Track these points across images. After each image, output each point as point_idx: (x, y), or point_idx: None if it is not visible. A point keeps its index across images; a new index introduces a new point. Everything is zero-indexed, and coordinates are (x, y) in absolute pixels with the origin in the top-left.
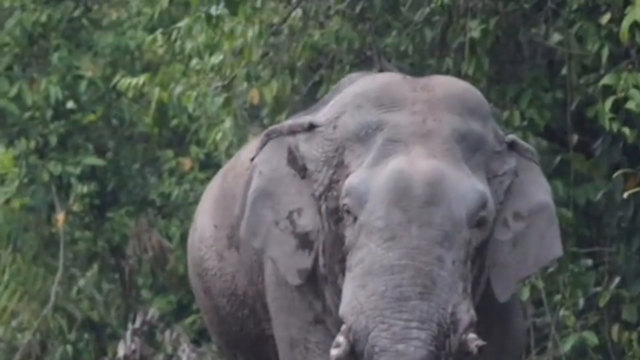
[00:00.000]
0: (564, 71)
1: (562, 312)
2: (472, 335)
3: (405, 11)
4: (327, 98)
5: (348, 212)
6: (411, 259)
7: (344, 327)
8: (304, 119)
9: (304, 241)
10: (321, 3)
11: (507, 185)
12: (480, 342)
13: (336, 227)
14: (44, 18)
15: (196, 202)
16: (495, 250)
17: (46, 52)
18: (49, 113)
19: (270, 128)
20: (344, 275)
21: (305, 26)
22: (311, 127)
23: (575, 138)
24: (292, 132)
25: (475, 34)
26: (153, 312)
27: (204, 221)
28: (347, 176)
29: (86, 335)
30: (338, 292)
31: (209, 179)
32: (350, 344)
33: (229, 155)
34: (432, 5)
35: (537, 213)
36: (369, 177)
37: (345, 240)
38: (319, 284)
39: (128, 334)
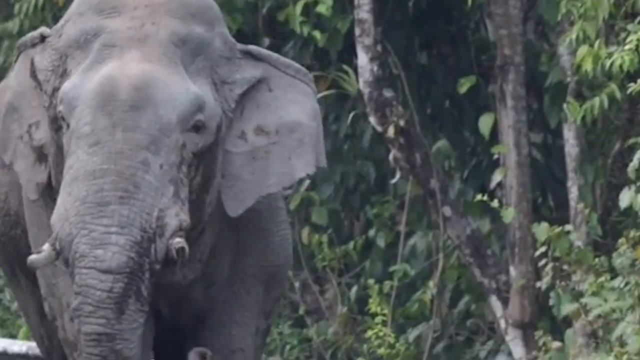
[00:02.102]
0: None
1: None
2: (177, 240)
3: None
4: None
5: (63, 119)
6: (113, 163)
7: (52, 235)
8: (40, 30)
9: (40, 154)
10: None
11: (239, 94)
12: (180, 245)
13: (57, 137)
14: None
15: None
16: (227, 161)
17: None
18: None
19: (20, 40)
20: None
21: None
22: (42, 38)
23: (266, 41)
24: (33, 44)
25: None
26: None
27: None
28: None
29: None
30: None
31: None
32: (56, 252)
33: None
34: None
35: (288, 132)
36: (80, 83)
37: (63, 149)
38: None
39: None
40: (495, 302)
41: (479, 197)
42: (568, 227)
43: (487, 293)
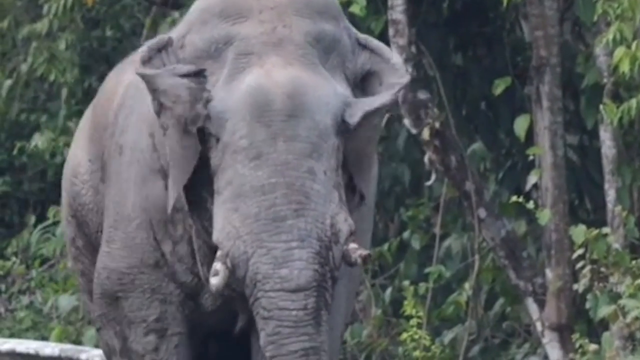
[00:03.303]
0: None
1: None
2: (353, 245)
3: None
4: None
5: (210, 134)
6: (281, 176)
7: (219, 253)
8: (160, 37)
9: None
10: None
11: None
12: (363, 252)
13: (203, 150)
14: None
15: None
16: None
17: None
18: None
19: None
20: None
21: None
22: (167, 45)
23: None
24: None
25: None
26: None
27: (78, 156)
28: None
29: None
30: (209, 217)
31: None
32: (229, 271)
33: None
34: None
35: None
36: (226, 95)
37: (210, 162)
38: (184, 215)
39: None
40: (531, 304)
41: (514, 198)
42: (605, 229)
43: (523, 295)
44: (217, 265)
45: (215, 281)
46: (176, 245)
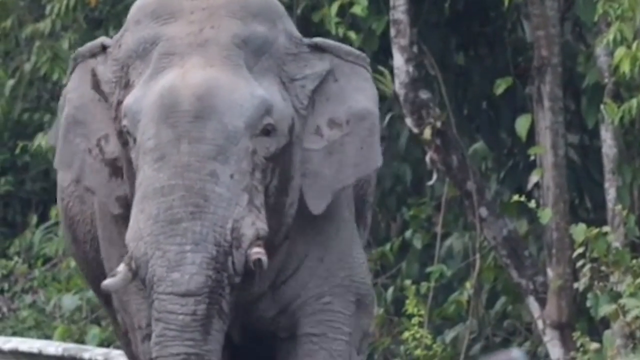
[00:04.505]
0: None
1: None
2: (255, 250)
3: None
4: None
5: (128, 133)
6: (181, 178)
7: (127, 254)
8: (99, 39)
9: (114, 168)
10: None
11: (311, 89)
12: (260, 255)
13: (125, 151)
14: None
15: None
16: (306, 159)
17: None
18: None
19: (77, 51)
20: None
21: None
22: (104, 48)
23: None
24: (92, 54)
25: None
26: None
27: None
28: None
29: None
30: None
31: None
32: (132, 272)
33: None
34: None
35: (358, 121)
36: (142, 95)
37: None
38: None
39: None
40: (532, 303)
41: (515, 198)
42: (606, 228)
43: (524, 294)
44: (120, 267)
45: (110, 282)
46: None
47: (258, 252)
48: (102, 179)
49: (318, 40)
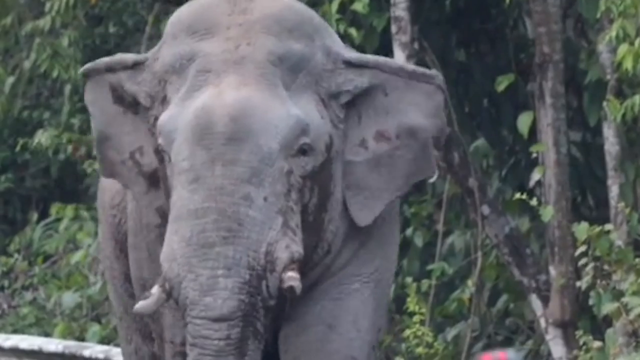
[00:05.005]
0: None
1: None
2: (289, 274)
3: None
4: None
5: (164, 151)
6: (214, 201)
7: (161, 275)
8: (124, 56)
9: (153, 179)
10: None
11: (344, 103)
12: (292, 282)
13: (162, 167)
14: None
15: None
16: (349, 171)
17: None
18: None
19: (85, 67)
20: None
21: None
22: (135, 64)
23: None
24: (111, 69)
25: None
26: None
27: (114, 185)
28: None
29: None
30: None
31: None
32: (166, 293)
33: None
34: None
35: (409, 136)
36: (177, 114)
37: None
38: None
39: None
40: (535, 301)
41: (517, 195)
42: (608, 226)
43: (527, 292)
44: (154, 288)
45: (144, 304)
46: None
47: (292, 277)
48: (141, 191)
49: (354, 56)
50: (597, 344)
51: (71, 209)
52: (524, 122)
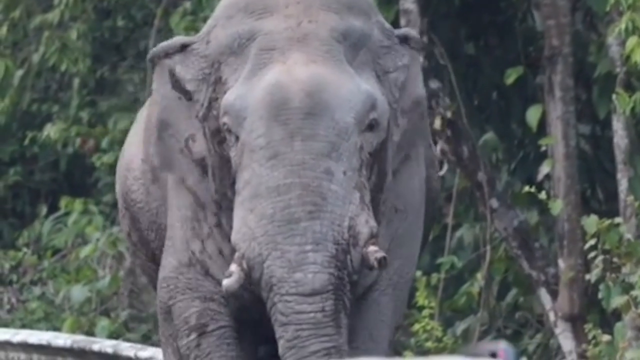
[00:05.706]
0: None
1: None
2: (372, 248)
3: None
4: None
5: (229, 131)
6: (297, 176)
7: (237, 255)
8: (176, 39)
9: (203, 167)
10: None
11: (402, 81)
12: (380, 254)
13: (220, 149)
14: None
15: None
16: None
17: None
18: None
19: (151, 52)
20: None
21: None
22: (183, 47)
23: None
24: (167, 54)
25: None
26: None
27: (132, 152)
28: (225, 93)
29: None
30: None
31: None
32: (245, 272)
33: None
34: None
35: (415, 107)
36: (245, 92)
37: (231, 162)
38: (207, 214)
39: None
40: (544, 294)
41: (526, 189)
42: (618, 219)
43: (536, 285)
44: (232, 267)
45: (227, 283)
46: (204, 243)
47: (377, 250)
48: (195, 179)
49: (405, 31)
50: (606, 337)
51: (80, 203)
52: (533, 115)
